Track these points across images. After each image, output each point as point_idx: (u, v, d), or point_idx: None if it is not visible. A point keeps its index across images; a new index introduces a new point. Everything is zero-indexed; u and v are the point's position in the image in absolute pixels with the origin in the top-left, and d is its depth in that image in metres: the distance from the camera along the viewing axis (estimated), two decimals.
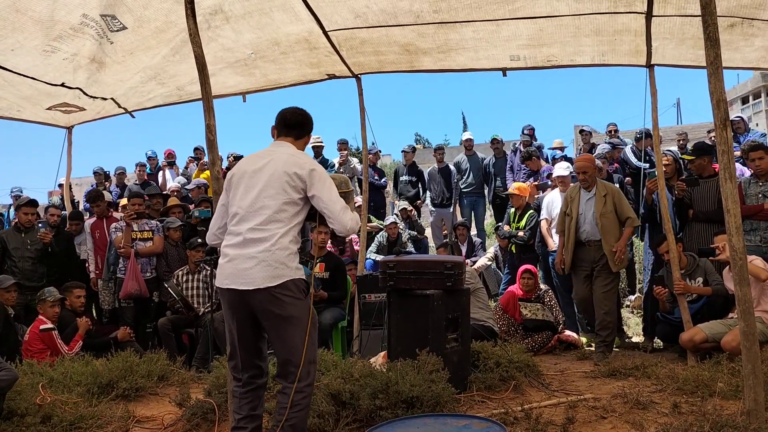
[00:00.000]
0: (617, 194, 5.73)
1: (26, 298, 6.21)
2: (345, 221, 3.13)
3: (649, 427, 3.66)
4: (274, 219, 3.08)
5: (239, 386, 3.27)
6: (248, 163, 3.29)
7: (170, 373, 5.15)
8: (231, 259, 3.09)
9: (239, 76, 6.11)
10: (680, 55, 5.53)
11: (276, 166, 3.16)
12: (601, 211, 5.63)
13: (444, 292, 4.56)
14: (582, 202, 5.80)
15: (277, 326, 3.08)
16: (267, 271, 3.01)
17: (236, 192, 3.22)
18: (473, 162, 9.81)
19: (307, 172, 3.14)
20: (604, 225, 5.62)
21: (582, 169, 5.80)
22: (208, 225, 7.01)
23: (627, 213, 5.66)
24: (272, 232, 3.06)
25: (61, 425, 4.06)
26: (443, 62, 5.92)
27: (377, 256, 7.82)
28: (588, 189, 5.81)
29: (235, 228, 3.15)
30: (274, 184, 3.12)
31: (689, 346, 5.04)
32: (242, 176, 3.24)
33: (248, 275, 3.02)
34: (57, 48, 4.81)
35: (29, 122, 6.76)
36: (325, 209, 3.13)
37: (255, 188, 3.15)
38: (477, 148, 10.36)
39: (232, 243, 3.13)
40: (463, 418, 3.41)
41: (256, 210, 3.11)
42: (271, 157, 3.23)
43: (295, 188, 3.12)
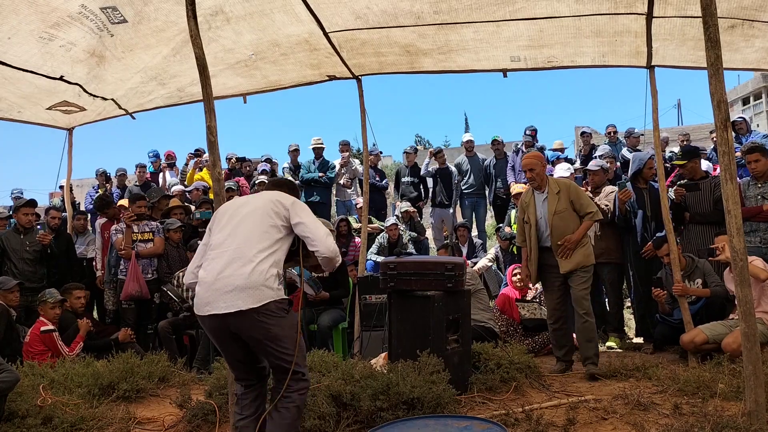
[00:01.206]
0: (573, 190, 5.21)
1: (26, 299, 6.21)
2: (330, 244, 3.16)
3: (650, 428, 3.66)
4: (257, 241, 3.11)
5: (240, 388, 3.32)
6: (232, 202, 3.43)
7: (171, 375, 5.16)
8: (210, 285, 3.06)
9: (240, 77, 6.12)
10: (681, 56, 5.53)
11: (261, 198, 3.30)
12: (555, 209, 5.12)
13: (445, 293, 4.56)
14: (538, 205, 5.27)
15: (264, 346, 3.10)
16: (248, 294, 3.00)
17: (218, 225, 3.29)
18: (474, 163, 9.81)
19: (290, 202, 3.26)
20: (556, 224, 5.09)
21: (528, 166, 5.24)
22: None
23: (587, 207, 5.14)
24: (254, 255, 3.07)
25: (62, 427, 4.06)
26: (444, 63, 5.92)
27: (378, 257, 7.83)
28: (540, 189, 5.27)
29: (213, 251, 3.17)
30: (258, 211, 3.21)
31: (690, 348, 5.04)
32: (226, 210, 3.35)
33: (228, 299, 2.99)
34: (54, 36, 4.76)
35: (30, 124, 6.76)
36: (310, 234, 3.16)
37: (238, 217, 3.24)
38: (477, 149, 10.37)
39: (211, 267, 3.11)
40: (464, 419, 3.41)
41: (240, 233, 3.15)
42: (255, 196, 3.39)
43: (278, 214, 3.19)
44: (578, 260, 5.04)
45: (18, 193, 10.44)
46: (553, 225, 5.11)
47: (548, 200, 5.18)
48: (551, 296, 5.28)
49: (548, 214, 5.13)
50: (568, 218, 5.12)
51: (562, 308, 5.20)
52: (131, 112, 6.79)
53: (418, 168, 10.13)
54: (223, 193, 4.04)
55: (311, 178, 9.33)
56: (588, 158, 8.80)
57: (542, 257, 5.23)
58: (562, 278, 5.14)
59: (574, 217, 5.13)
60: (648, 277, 6.14)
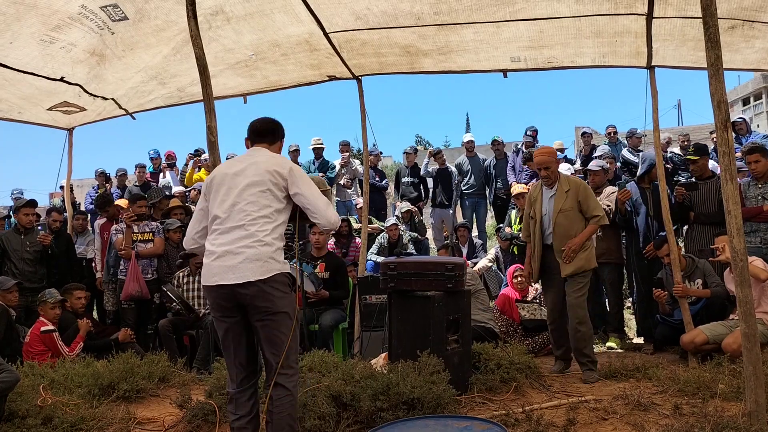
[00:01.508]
0: (583, 190, 5.07)
1: (27, 299, 6.21)
2: (330, 216, 3.22)
3: (650, 428, 3.66)
4: (259, 215, 3.14)
5: (233, 388, 3.30)
6: (227, 167, 3.35)
7: (171, 375, 5.15)
8: (218, 257, 3.11)
9: (240, 77, 6.12)
10: (681, 56, 5.53)
11: (257, 167, 3.23)
12: (560, 207, 5.00)
13: (445, 294, 4.56)
14: (545, 201, 5.14)
15: (267, 322, 3.12)
16: (256, 265, 3.06)
17: (216, 195, 3.27)
18: (474, 163, 9.81)
19: (287, 170, 3.23)
20: (560, 223, 4.99)
21: (543, 164, 5.09)
22: None
23: (593, 210, 5.01)
24: (258, 228, 3.12)
25: (62, 427, 4.05)
26: (444, 64, 5.93)
27: (378, 257, 7.83)
28: (550, 186, 5.15)
29: (219, 227, 3.19)
30: (257, 183, 3.19)
31: (690, 348, 5.04)
32: (222, 179, 3.29)
33: (238, 269, 3.05)
34: (55, 38, 4.78)
35: (30, 124, 6.77)
36: (309, 205, 3.20)
37: (237, 188, 3.21)
38: (478, 149, 10.36)
39: (219, 241, 3.15)
40: (464, 419, 3.41)
41: (240, 209, 3.16)
42: (250, 160, 3.30)
43: (277, 185, 3.20)
44: (580, 264, 4.94)
45: (18, 193, 10.44)
46: (556, 223, 5.00)
47: (556, 197, 5.06)
48: (550, 295, 5.23)
49: (553, 211, 5.03)
50: (572, 218, 5.00)
51: (561, 307, 5.12)
52: (131, 112, 6.79)
53: (418, 168, 10.13)
54: None
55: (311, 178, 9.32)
56: (588, 158, 8.81)
57: (543, 255, 5.15)
58: (559, 276, 5.05)
59: (579, 217, 5.02)
60: (649, 278, 6.14)
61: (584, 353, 4.92)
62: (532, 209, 5.21)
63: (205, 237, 3.30)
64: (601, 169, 6.78)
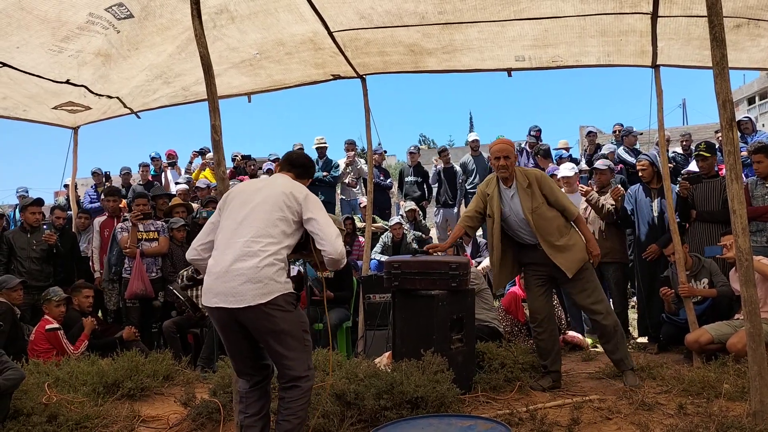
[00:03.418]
0: (544, 181, 4.61)
1: (32, 297, 6.22)
2: (338, 246, 3.14)
3: (654, 428, 3.65)
4: (265, 234, 3.10)
5: (245, 386, 3.31)
6: (246, 185, 3.40)
7: (175, 373, 5.17)
8: (218, 277, 3.07)
9: (244, 76, 6.12)
10: (686, 55, 5.52)
11: (275, 188, 3.25)
12: (531, 207, 4.52)
13: (449, 293, 4.56)
14: (505, 200, 4.64)
15: (270, 341, 3.10)
16: (257, 288, 3.01)
17: (229, 210, 3.26)
18: (479, 163, 9.80)
19: (303, 196, 3.23)
20: (539, 224, 4.52)
21: (503, 153, 4.54)
22: None
23: (561, 203, 4.58)
24: (262, 247, 3.07)
25: (67, 425, 4.07)
26: (448, 63, 5.92)
27: (382, 256, 7.83)
28: (507, 184, 4.63)
29: (225, 240, 3.15)
30: (269, 201, 3.18)
31: (695, 348, 5.03)
32: (237, 195, 3.30)
33: (237, 292, 3.00)
34: (64, 48, 4.83)
35: (35, 122, 6.78)
36: (320, 232, 3.15)
37: (250, 204, 3.21)
38: (482, 148, 10.34)
39: (220, 260, 3.11)
40: (468, 418, 3.41)
41: (248, 224, 3.13)
42: (270, 182, 3.36)
43: (290, 208, 3.17)
44: (579, 256, 4.55)
45: (23, 191, 10.48)
46: (536, 225, 4.52)
47: (520, 197, 4.57)
48: (534, 296, 4.76)
49: (525, 212, 4.53)
50: (547, 213, 4.55)
51: (546, 308, 4.75)
52: (136, 111, 6.80)
53: (421, 167, 10.13)
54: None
55: (317, 178, 9.33)
56: (593, 157, 8.80)
57: (523, 255, 4.75)
58: (545, 277, 4.70)
59: (549, 211, 4.56)
60: (652, 277, 6.13)
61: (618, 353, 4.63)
62: (489, 207, 4.70)
63: (209, 251, 3.25)
64: (608, 168, 6.77)
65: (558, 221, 4.57)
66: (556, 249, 4.53)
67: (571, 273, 4.52)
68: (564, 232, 4.58)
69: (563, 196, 4.67)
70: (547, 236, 4.53)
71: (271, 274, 3.04)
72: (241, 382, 3.34)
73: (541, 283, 4.74)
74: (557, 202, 4.58)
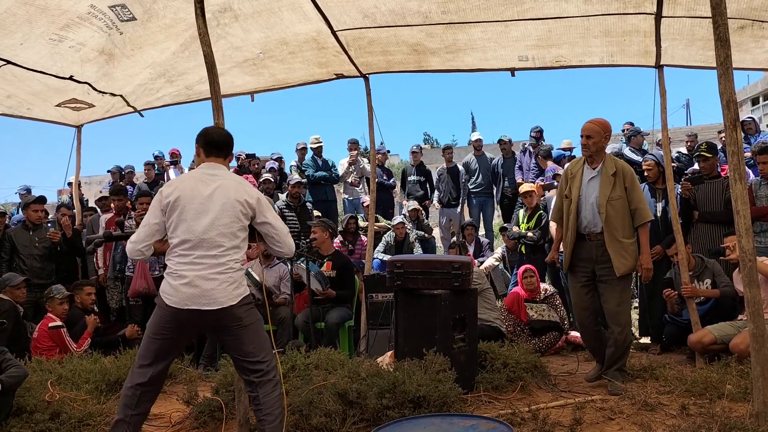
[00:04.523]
0: (630, 176, 4.48)
1: (35, 295, 6.24)
2: (291, 244, 3.46)
3: (656, 428, 3.65)
4: (230, 246, 3.28)
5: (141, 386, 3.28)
6: (191, 188, 3.34)
7: (178, 371, 5.18)
8: (190, 282, 3.19)
9: (248, 75, 6.13)
10: (690, 55, 5.51)
11: (228, 194, 3.31)
12: (609, 195, 4.42)
13: (451, 292, 4.56)
14: (584, 181, 4.56)
15: (238, 336, 3.30)
16: (228, 291, 3.22)
17: (183, 216, 3.28)
18: (482, 162, 9.78)
19: (255, 200, 3.37)
20: (610, 215, 4.42)
21: (586, 132, 4.51)
22: None
23: (637, 202, 4.45)
24: (230, 257, 3.27)
25: (70, 422, 4.08)
26: (451, 62, 5.92)
27: (384, 255, 7.83)
28: (592, 165, 4.57)
29: (189, 252, 3.24)
30: (228, 212, 3.29)
31: (698, 348, 5.02)
32: (189, 201, 3.30)
33: (211, 296, 3.19)
34: (64, 37, 4.80)
35: (39, 121, 6.79)
36: (275, 234, 3.41)
37: (208, 215, 3.27)
38: (485, 148, 10.34)
39: (190, 268, 3.22)
40: (470, 418, 3.41)
41: (213, 236, 3.25)
42: (217, 183, 3.35)
43: (246, 215, 3.34)
44: (632, 263, 4.48)
45: (24, 190, 10.50)
46: (607, 215, 4.42)
47: (600, 181, 4.48)
48: (579, 292, 4.69)
49: (600, 198, 4.44)
50: (621, 210, 4.44)
51: (593, 305, 4.65)
52: (139, 110, 6.80)
53: (424, 167, 10.12)
54: None
55: (317, 177, 9.33)
56: None
57: (577, 245, 4.62)
58: (589, 275, 4.60)
59: (626, 208, 4.46)
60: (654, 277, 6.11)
61: (617, 361, 4.56)
62: (568, 187, 4.66)
63: (151, 251, 3.37)
64: None
65: (627, 221, 4.49)
66: (617, 244, 4.44)
67: (619, 273, 4.43)
68: (627, 233, 4.49)
69: (643, 198, 4.55)
70: (613, 229, 4.44)
71: (238, 278, 3.29)
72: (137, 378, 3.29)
73: (585, 281, 4.65)
74: (633, 200, 4.46)
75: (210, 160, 3.48)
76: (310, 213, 8.23)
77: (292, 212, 7.99)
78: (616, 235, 4.44)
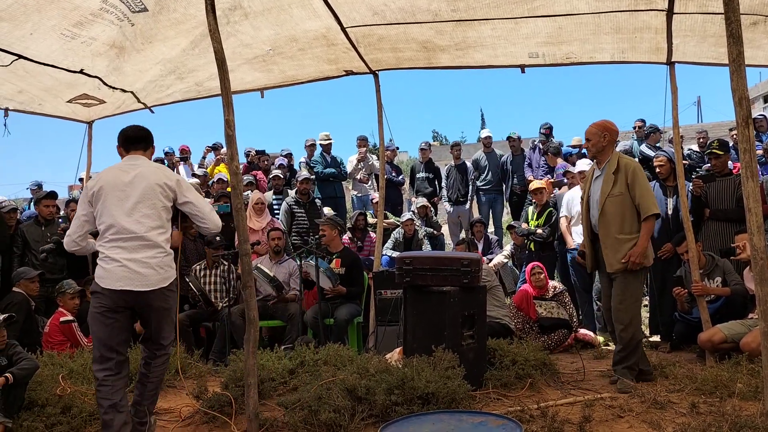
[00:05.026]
0: (633, 172, 4.50)
1: (47, 290, 6.28)
2: (215, 219, 3.72)
3: (666, 426, 3.64)
4: (155, 226, 3.52)
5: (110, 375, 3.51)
6: (113, 177, 3.58)
7: (188, 366, 5.21)
8: (122, 265, 3.44)
9: (257, 72, 6.14)
10: (701, 52, 5.47)
11: (147, 179, 3.55)
12: (608, 192, 4.50)
13: (460, 289, 4.56)
14: (594, 182, 4.69)
15: (160, 316, 3.63)
16: (160, 273, 3.51)
17: (106, 204, 3.52)
18: (492, 159, 9.75)
19: (174, 182, 3.62)
20: (607, 212, 4.50)
21: (586, 135, 4.71)
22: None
23: (639, 197, 4.45)
24: (156, 239, 3.52)
25: (81, 416, 4.12)
26: (461, 59, 5.91)
27: (393, 252, 7.84)
28: (599, 165, 4.69)
29: (117, 236, 3.48)
30: (149, 195, 3.53)
31: (708, 347, 5.00)
32: (112, 189, 3.54)
33: (144, 278, 3.46)
34: (77, 35, 4.82)
35: (50, 117, 6.83)
36: (197, 212, 3.66)
37: (130, 199, 3.51)
38: (494, 145, 10.30)
39: (120, 251, 3.47)
40: (479, 414, 3.41)
41: (137, 219, 3.49)
42: (137, 170, 3.59)
43: (167, 197, 3.58)
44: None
45: (35, 185, 10.56)
46: (603, 210, 4.52)
47: (603, 179, 4.57)
48: (604, 284, 4.76)
49: (600, 195, 4.54)
50: (620, 206, 4.48)
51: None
52: (150, 106, 6.83)
53: (433, 163, 10.11)
54: (241, 187, 4.07)
55: (326, 174, 9.34)
56: None
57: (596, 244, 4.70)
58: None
59: (629, 204, 4.48)
60: (663, 275, 6.09)
61: (624, 359, 4.55)
62: (586, 190, 4.82)
63: (85, 240, 3.64)
64: None
65: (628, 217, 4.49)
66: (611, 240, 4.49)
67: (611, 269, 4.49)
68: (627, 229, 4.48)
69: (646, 193, 4.49)
70: (608, 225, 4.51)
71: (168, 261, 3.56)
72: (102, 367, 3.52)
73: (608, 282, 4.69)
74: (636, 195, 4.46)
75: (130, 154, 3.73)
76: (319, 210, 8.25)
77: (301, 209, 8.01)
78: (612, 232, 4.50)
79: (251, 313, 3.93)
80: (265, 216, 7.53)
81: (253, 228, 7.22)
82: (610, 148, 4.68)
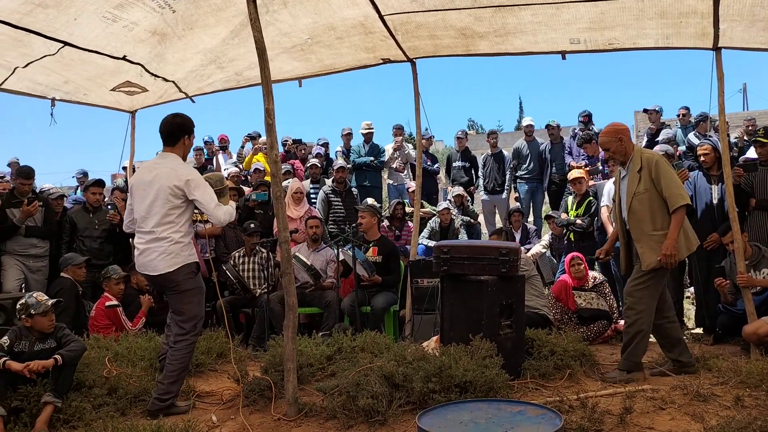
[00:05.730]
0: (656, 166, 4.41)
1: (93, 275, 6.45)
2: (218, 215, 4.13)
3: (710, 419, 3.57)
4: (163, 222, 4.04)
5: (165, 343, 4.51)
6: (140, 176, 4.24)
7: (228, 351, 5.30)
8: (141, 252, 4.13)
9: (295, 61, 6.18)
10: (750, 37, 5.30)
11: (161, 181, 4.06)
12: (633, 190, 4.46)
13: (498, 279, 4.54)
14: (622, 182, 4.68)
15: (175, 298, 4.15)
16: (165, 261, 4.04)
17: (134, 200, 4.20)
18: (533, 148, 9.56)
19: (184, 182, 4.05)
20: (635, 210, 4.46)
21: (603, 146, 4.70)
22: (265, 208, 7.14)
23: (665, 189, 4.35)
24: (165, 234, 4.04)
25: (126, 397, 4.25)
26: (500, 46, 5.84)
27: (430, 241, 7.83)
28: (624, 166, 4.65)
29: (139, 229, 4.16)
30: (160, 197, 4.05)
31: (753, 339, 4.88)
32: (137, 188, 4.18)
33: (152, 265, 4.07)
34: (118, 17, 4.87)
35: (95, 106, 6.99)
36: (202, 208, 4.12)
37: (147, 199, 4.09)
38: (536, 133, 10.11)
39: (139, 240, 4.16)
40: (517, 404, 3.39)
41: (150, 216, 4.07)
42: (156, 171, 4.12)
43: (176, 196, 4.06)
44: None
45: (81, 174, 10.82)
46: (631, 209, 4.49)
47: (628, 179, 4.55)
48: None
49: (627, 195, 4.52)
50: (648, 202, 4.42)
51: (660, 299, 4.54)
52: (191, 96, 6.94)
53: (469, 152, 10.03)
54: (280, 176, 4.12)
55: (363, 163, 9.36)
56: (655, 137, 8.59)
57: (628, 243, 4.70)
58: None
59: (657, 198, 4.42)
60: (708, 267, 5.95)
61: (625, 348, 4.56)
62: (616, 192, 4.83)
63: (135, 224, 4.22)
64: (665, 154, 6.59)
65: (659, 212, 4.42)
66: (647, 238, 4.43)
67: (644, 265, 4.42)
68: (660, 225, 4.42)
69: (674, 184, 4.39)
70: (639, 223, 4.47)
71: (176, 250, 4.05)
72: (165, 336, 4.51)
73: None
74: (663, 188, 4.38)
75: (163, 150, 4.25)
76: (356, 198, 8.28)
77: (337, 197, 8.05)
78: (644, 229, 4.45)
79: (290, 300, 3.98)
80: (303, 204, 7.59)
81: (292, 216, 7.29)
82: (630, 145, 4.63)
